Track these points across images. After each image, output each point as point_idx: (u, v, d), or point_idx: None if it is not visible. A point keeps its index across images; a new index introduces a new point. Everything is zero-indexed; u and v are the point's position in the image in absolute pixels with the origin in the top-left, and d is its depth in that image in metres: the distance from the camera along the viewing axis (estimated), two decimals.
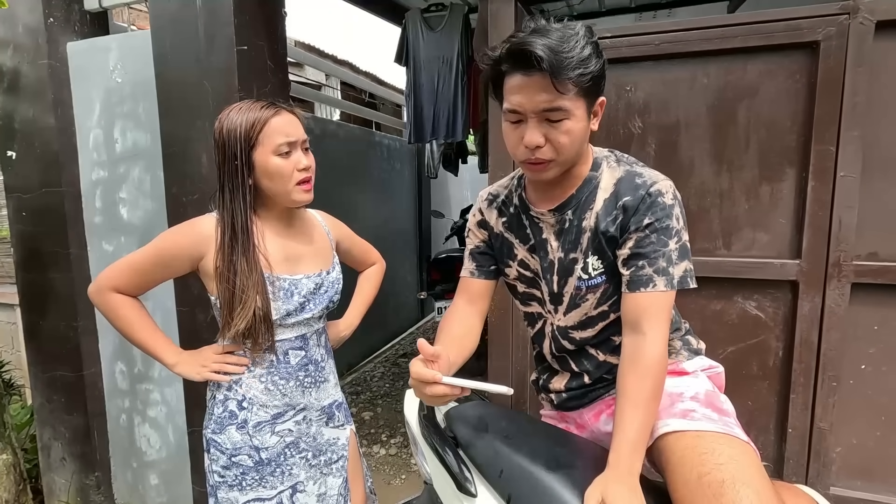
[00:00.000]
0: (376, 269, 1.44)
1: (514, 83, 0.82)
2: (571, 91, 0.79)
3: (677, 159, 1.38)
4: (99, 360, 2.01)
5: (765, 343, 1.37)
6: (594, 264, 0.93)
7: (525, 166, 0.89)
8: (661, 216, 0.86)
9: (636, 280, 0.87)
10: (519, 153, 0.87)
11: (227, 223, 1.07)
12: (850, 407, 1.33)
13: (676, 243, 0.87)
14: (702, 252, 1.38)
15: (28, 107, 1.88)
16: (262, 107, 1.07)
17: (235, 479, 1.11)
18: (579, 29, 0.82)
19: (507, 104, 0.85)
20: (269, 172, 1.07)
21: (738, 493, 0.73)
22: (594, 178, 0.93)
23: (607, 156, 0.95)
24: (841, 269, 1.27)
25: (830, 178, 1.25)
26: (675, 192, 0.89)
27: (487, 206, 1.06)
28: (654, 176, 0.89)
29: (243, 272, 1.05)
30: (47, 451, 2.08)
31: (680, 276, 0.86)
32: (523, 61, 0.79)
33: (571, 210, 0.93)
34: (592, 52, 0.81)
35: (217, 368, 1.12)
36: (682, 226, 0.88)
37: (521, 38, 0.80)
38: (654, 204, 0.86)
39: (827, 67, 1.22)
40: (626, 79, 1.39)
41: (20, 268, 2.00)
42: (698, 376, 0.98)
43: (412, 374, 0.80)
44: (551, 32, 0.80)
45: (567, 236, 0.95)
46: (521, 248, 1.02)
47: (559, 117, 0.81)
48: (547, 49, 0.77)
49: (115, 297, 1.12)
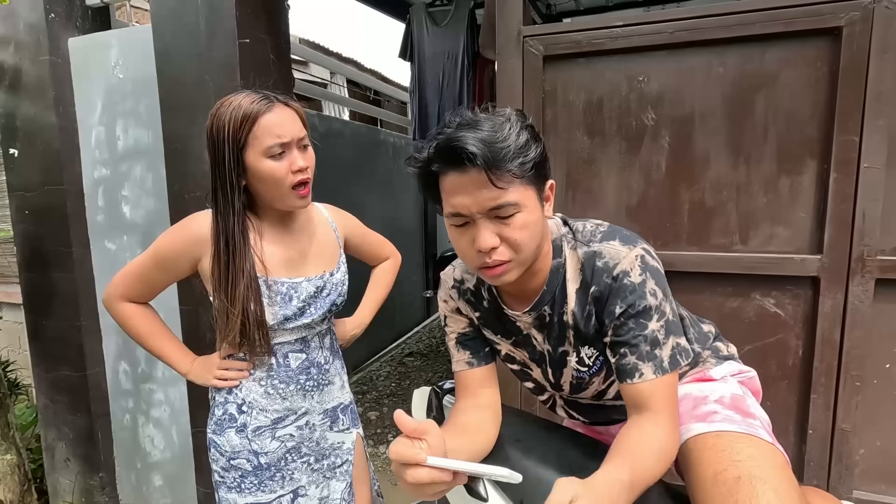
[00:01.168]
0: (390, 263, 1.37)
1: (450, 183, 0.74)
2: (516, 182, 0.72)
3: (692, 152, 1.33)
4: (103, 359, 1.99)
5: (784, 342, 1.32)
6: (587, 353, 0.86)
7: (482, 272, 0.79)
8: (632, 300, 0.77)
9: (622, 370, 0.79)
10: (472, 259, 0.77)
11: (221, 227, 1.01)
12: (874, 408, 1.28)
13: (658, 321, 0.78)
14: (718, 248, 1.33)
15: (29, 104, 1.87)
16: (253, 101, 0.98)
17: (234, 481, 1.09)
18: (510, 115, 0.76)
19: (447, 207, 0.76)
20: (261, 176, 0.99)
21: (754, 490, 0.68)
22: (559, 267, 0.84)
23: (564, 234, 0.86)
24: (864, 265, 1.22)
25: (854, 169, 1.20)
26: (643, 262, 0.78)
27: (458, 296, 0.95)
28: (615, 253, 0.79)
29: (237, 277, 1.00)
30: (52, 451, 2.07)
31: (670, 358, 0.78)
32: (455, 159, 0.71)
33: (548, 305, 0.85)
34: (529, 136, 0.74)
35: (219, 375, 1.09)
36: (660, 299, 0.78)
37: (449, 135, 0.72)
38: (622, 288, 0.77)
39: (850, 54, 1.17)
40: (639, 69, 1.34)
41: (23, 267, 1.99)
42: (727, 381, 0.93)
43: (390, 455, 0.62)
44: (481, 123, 0.73)
45: (550, 331, 0.87)
46: (504, 342, 0.94)
47: (509, 212, 0.73)
48: (479, 143, 0.70)
49: (126, 308, 1.10)
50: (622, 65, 1.35)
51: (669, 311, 0.79)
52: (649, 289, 0.78)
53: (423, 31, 3.20)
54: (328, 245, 1.18)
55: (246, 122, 0.97)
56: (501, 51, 1.43)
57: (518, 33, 1.40)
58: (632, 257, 0.79)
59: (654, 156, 1.36)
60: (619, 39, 1.33)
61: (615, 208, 1.41)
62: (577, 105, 1.41)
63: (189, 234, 1.05)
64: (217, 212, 1.02)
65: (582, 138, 1.42)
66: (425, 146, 0.76)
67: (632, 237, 0.82)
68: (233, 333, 1.01)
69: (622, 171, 1.39)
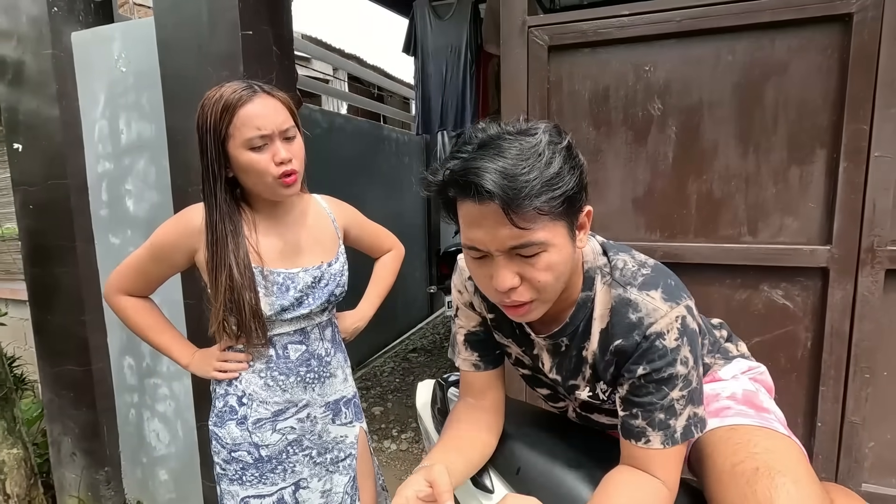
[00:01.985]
0: (392, 255, 1.36)
1: (467, 213, 0.65)
2: (542, 219, 0.62)
3: (700, 142, 1.31)
4: (107, 355, 1.99)
5: (793, 334, 1.31)
6: (602, 388, 0.80)
7: (502, 307, 0.72)
8: (659, 365, 0.69)
9: (628, 429, 0.73)
10: (490, 294, 0.70)
11: (209, 219, 1.01)
12: (884, 400, 1.26)
13: (681, 390, 0.70)
14: (726, 239, 1.32)
15: (32, 98, 1.86)
16: (235, 91, 0.96)
17: (235, 473, 1.09)
18: (542, 135, 0.64)
19: (464, 238, 0.67)
20: (243, 168, 0.98)
21: (773, 481, 0.66)
22: (588, 301, 0.76)
23: (601, 266, 0.77)
24: (875, 255, 1.20)
25: (864, 158, 1.18)
26: (682, 325, 0.70)
27: (474, 290, 0.87)
28: (654, 310, 0.70)
29: (220, 266, 0.99)
30: (57, 446, 2.07)
31: (683, 429, 0.71)
32: (470, 190, 0.61)
33: (567, 337, 0.79)
34: (563, 163, 0.63)
35: (218, 367, 1.09)
36: (690, 367, 0.70)
37: (465, 162, 0.62)
38: (652, 350, 0.69)
39: (861, 41, 1.15)
40: (646, 58, 1.32)
41: (28, 262, 1.99)
42: (738, 378, 0.91)
43: None
44: (504, 149, 0.62)
45: (564, 361, 0.81)
46: (515, 346, 0.88)
47: (533, 252, 0.64)
48: (499, 176, 0.59)
49: (126, 301, 1.10)
50: (628, 54, 1.34)
51: (695, 380, 0.72)
52: (682, 356, 0.70)
53: (427, 26, 3.19)
54: (326, 236, 1.17)
55: (226, 113, 0.96)
56: (506, 41, 1.41)
57: (523, 23, 1.38)
58: (671, 318, 0.69)
59: (662, 146, 1.34)
60: (626, 28, 1.31)
61: (621, 199, 1.39)
62: (583, 95, 1.40)
63: (183, 227, 1.04)
64: (206, 203, 1.02)
65: (588, 129, 1.40)
66: (440, 168, 0.67)
67: (676, 290, 0.72)
68: (217, 321, 1.00)
69: (629, 161, 1.38)
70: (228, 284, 0.99)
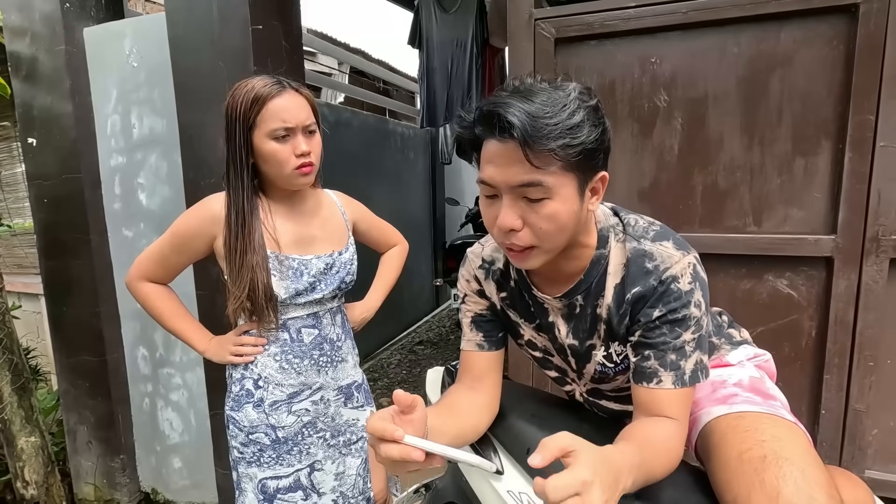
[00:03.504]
0: (398, 250, 1.41)
1: (488, 151, 0.69)
2: (554, 165, 0.65)
3: (705, 134, 1.32)
4: (121, 345, 2.03)
5: (797, 323, 1.32)
6: (617, 349, 0.82)
7: (503, 250, 0.76)
8: (674, 306, 0.73)
9: (640, 372, 0.76)
10: (494, 233, 0.74)
11: (232, 201, 1.06)
12: (887, 388, 1.28)
13: (693, 333, 0.74)
14: (731, 229, 1.33)
15: (46, 94, 1.89)
16: (266, 85, 1.03)
17: (253, 455, 1.12)
18: (572, 90, 0.68)
19: (480, 173, 0.71)
20: (265, 156, 1.04)
21: (780, 469, 0.67)
22: (602, 258, 0.79)
23: (614, 225, 0.80)
24: (879, 245, 1.21)
25: (869, 149, 1.19)
26: (694, 271, 0.74)
27: (485, 277, 0.90)
28: (668, 256, 0.74)
29: (245, 248, 1.04)
30: (73, 434, 2.12)
31: (691, 371, 0.74)
32: (495, 126, 0.66)
33: (581, 295, 0.81)
34: (586, 118, 0.66)
35: (235, 351, 1.13)
36: (702, 312, 0.74)
37: (495, 99, 0.68)
38: (667, 293, 0.73)
39: (867, 32, 1.16)
40: (652, 51, 1.33)
41: (43, 255, 2.03)
42: (744, 365, 0.92)
43: (367, 429, 0.61)
44: (536, 94, 0.67)
45: (579, 323, 0.83)
46: (527, 326, 0.91)
47: (538, 196, 0.67)
48: (523, 114, 0.64)
49: (147, 288, 1.15)
50: (634, 46, 1.35)
51: (705, 327, 0.76)
52: (695, 299, 0.74)
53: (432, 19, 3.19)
54: (337, 227, 1.22)
55: (256, 105, 1.02)
56: (513, 34, 1.43)
57: (529, 16, 1.40)
58: (684, 263, 0.74)
59: (667, 138, 1.36)
60: (632, 21, 1.32)
61: (628, 191, 1.41)
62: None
63: (204, 215, 1.09)
64: (228, 187, 1.07)
65: None
66: (475, 108, 0.72)
67: (685, 243, 0.77)
68: (240, 301, 1.04)
69: (635, 153, 1.39)
70: (244, 264, 1.03)
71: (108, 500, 2.10)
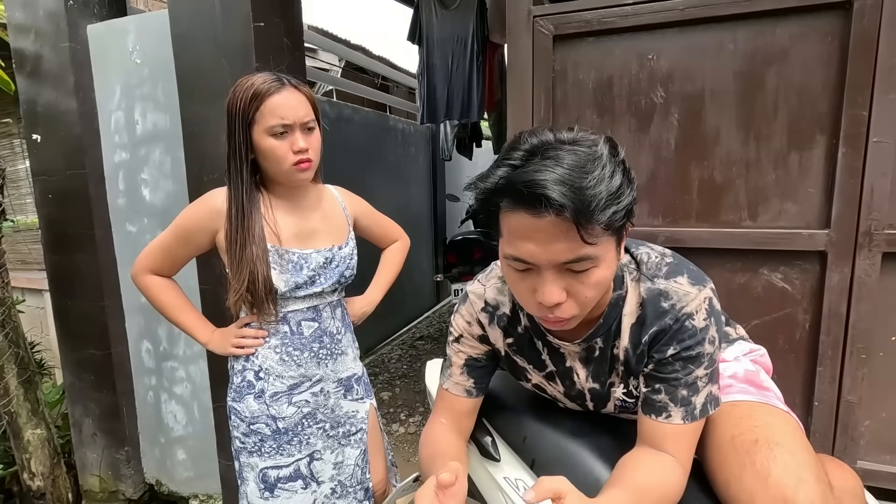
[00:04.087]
0: (399, 245, 1.42)
1: (519, 225, 0.62)
2: (603, 236, 0.61)
3: (702, 129, 1.34)
4: (126, 339, 2.06)
5: (791, 316, 1.34)
6: (634, 384, 0.81)
7: (539, 319, 0.73)
8: (689, 343, 0.72)
9: (650, 404, 0.75)
10: (531, 307, 0.69)
11: (233, 196, 1.09)
12: (880, 380, 1.30)
13: (706, 369, 0.74)
14: (726, 224, 1.35)
15: (51, 90, 1.91)
16: (265, 81, 1.04)
17: (255, 445, 1.15)
18: (600, 147, 0.62)
19: (509, 248, 0.65)
20: (263, 152, 1.06)
21: (771, 452, 0.70)
22: (619, 300, 0.77)
23: (627, 264, 0.78)
24: (872, 239, 1.23)
25: (863, 144, 1.21)
26: (710, 306, 0.73)
27: (489, 322, 0.86)
28: (684, 294, 0.73)
29: (245, 240, 1.06)
30: (79, 427, 2.15)
31: (702, 406, 0.74)
32: (531, 202, 0.59)
33: (600, 338, 0.79)
34: (624, 178, 0.61)
35: (236, 343, 1.15)
36: (716, 347, 0.74)
37: (525, 171, 0.60)
38: (682, 330, 0.72)
39: (861, 28, 1.17)
40: (649, 47, 1.35)
41: (48, 250, 2.05)
42: (739, 360, 0.94)
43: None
44: (561, 155, 0.59)
45: (599, 366, 0.82)
46: (536, 374, 0.88)
47: (585, 267, 0.63)
48: (566, 188, 0.57)
49: (151, 280, 1.17)
50: (632, 43, 1.36)
51: (716, 360, 0.76)
52: (710, 336, 0.73)
53: (432, 15, 3.19)
54: (337, 222, 1.23)
55: (254, 101, 1.03)
56: (511, 31, 1.44)
57: (528, 13, 1.41)
58: (700, 299, 0.73)
59: (664, 133, 1.37)
60: (629, 17, 1.33)
61: None
62: (588, 84, 1.43)
63: (206, 209, 1.11)
64: (230, 181, 1.09)
65: (592, 117, 1.43)
66: (492, 174, 0.64)
67: (699, 274, 0.76)
68: (240, 293, 1.07)
69: (632, 149, 1.41)
70: (245, 256, 1.06)
71: (114, 492, 2.13)
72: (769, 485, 0.67)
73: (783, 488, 0.67)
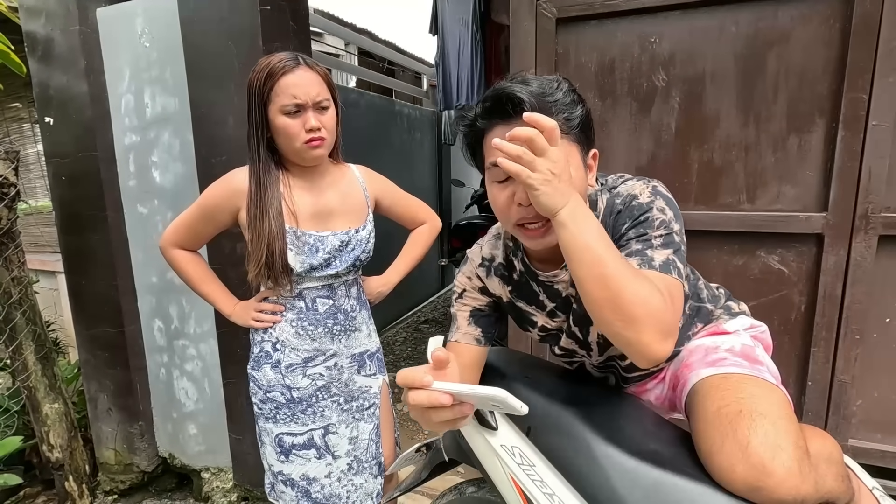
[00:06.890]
0: (426, 228, 1.43)
1: (495, 136, 0.75)
2: (564, 138, 0.74)
3: (702, 112, 1.35)
4: (138, 317, 2.12)
5: (787, 297, 1.37)
6: None
7: (520, 231, 0.80)
8: (636, 213, 0.80)
9: None
10: (512, 214, 0.78)
11: (252, 172, 1.12)
12: (873, 360, 1.32)
13: (659, 230, 0.78)
14: (725, 206, 1.37)
15: (62, 74, 1.94)
16: (280, 61, 1.07)
17: (270, 412, 1.20)
18: (559, 77, 0.80)
19: (489, 157, 0.77)
20: (277, 130, 1.09)
21: (753, 422, 0.72)
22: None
23: (598, 190, 0.87)
24: (868, 222, 1.25)
25: (862, 127, 1.22)
26: (653, 190, 0.82)
27: (487, 275, 0.96)
28: (630, 186, 0.84)
29: (264, 217, 1.10)
30: (94, 402, 2.23)
31: (661, 262, 0.75)
32: (503, 109, 0.74)
33: None
34: (575, 99, 0.78)
35: (255, 317, 1.20)
36: (669, 218, 0.79)
37: (500, 86, 0.77)
38: (630, 209, 0.81)
39: (863, 11, 1.18)
40: (651, 30, 1.36)
41: (62, 231, 2.11)
42: (740, 334, 0.97)
43: (398, 380, 0.59)
44: (530, 81, 0.77)
45: None
46: (540, 314, 0.95)
47: None
48: (527, 93, 0.74)
49: (178, 254, 1.22)
50: (634, 26, 1.37)
51: (676, 235, 0.78)
52: (657, 206, 0.79)
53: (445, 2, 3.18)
54: (356, 203, 1.25)
55: (269, 80, 1.06)
56: (515, 14, 1.45)
57: None
58: (643, 186, 0.83)
59: (665, 116, 1.39)
60: (632, 0, 1.34)
61: (625, 168, 1.44)
62: (590, 67, 1.44)
63: (227, 188, 1.15)
64: (250, 159, 1.13)
65: (594, 100, 1.45)
66: (474, 107, 0.81)
67: (650, 179, 0.86)
68: (259, 266, 1.11)
69: (633, 131, 1.42)
70: (262, 230, 1.10)
71: (129, 464, 2.21)
72: (748, 453, 0.70)
73: (761, 457, 0.69)
